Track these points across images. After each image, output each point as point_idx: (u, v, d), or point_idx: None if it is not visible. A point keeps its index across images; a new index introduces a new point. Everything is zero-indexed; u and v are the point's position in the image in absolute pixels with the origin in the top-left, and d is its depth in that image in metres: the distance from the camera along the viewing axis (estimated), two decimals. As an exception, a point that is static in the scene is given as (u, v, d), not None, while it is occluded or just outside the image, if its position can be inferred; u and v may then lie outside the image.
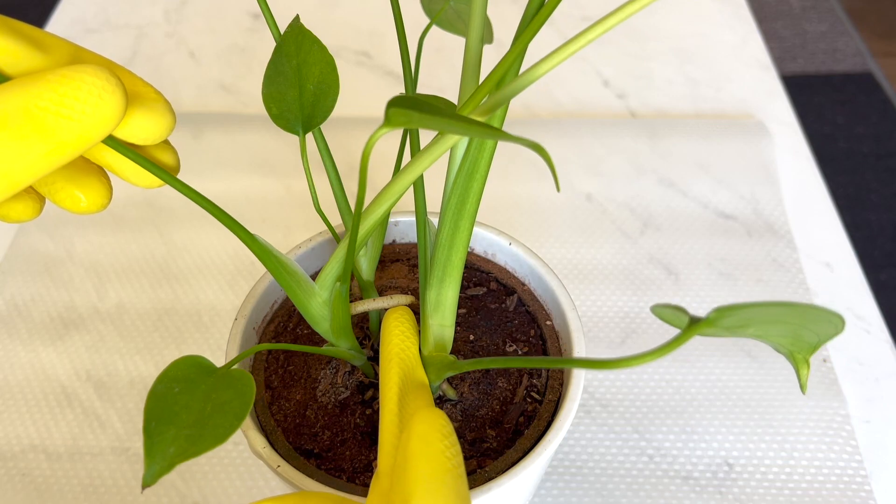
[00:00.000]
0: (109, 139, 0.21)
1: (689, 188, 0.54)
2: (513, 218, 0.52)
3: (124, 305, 0.47)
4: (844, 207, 1.08)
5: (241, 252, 0.50)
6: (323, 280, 0.26)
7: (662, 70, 0.65)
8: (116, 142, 0.21)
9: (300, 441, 0.29)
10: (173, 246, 0.50)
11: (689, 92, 0.63)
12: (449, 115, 0.17)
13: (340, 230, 0.32)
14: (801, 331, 0.19)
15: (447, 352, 0.28)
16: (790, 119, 0.61)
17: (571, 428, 0.41)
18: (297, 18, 0.28)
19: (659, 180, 0.55)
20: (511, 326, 0.33)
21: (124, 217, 0.52)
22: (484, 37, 0.24)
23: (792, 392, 0.43)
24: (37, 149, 0.19)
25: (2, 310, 0.47)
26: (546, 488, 0.39)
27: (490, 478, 0.27)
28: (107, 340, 0.45)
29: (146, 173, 0.24)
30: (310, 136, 0.57)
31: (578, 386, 0.29)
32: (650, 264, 0.49)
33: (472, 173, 0.24)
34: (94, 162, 0.24)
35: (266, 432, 0.29)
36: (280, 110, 0.28)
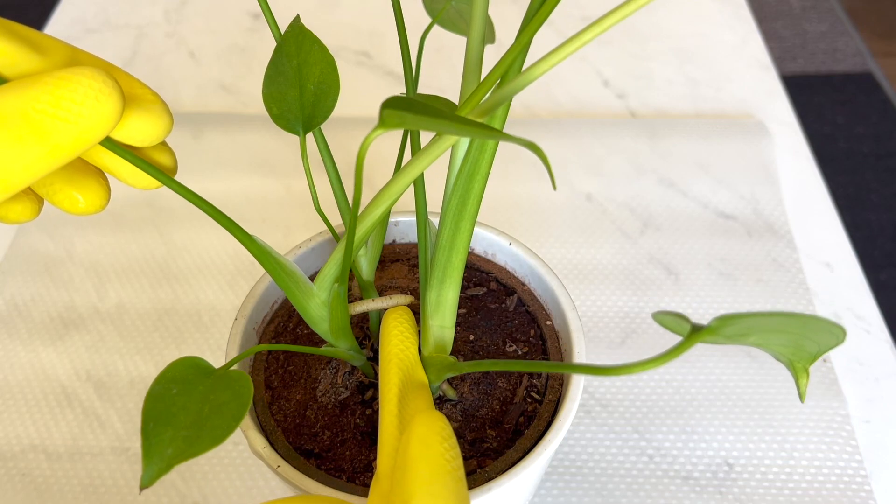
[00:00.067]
0: (107, 141, 0.21)
1: (689, 188, 0.54)
2: (513, 218, 0.52)
3: (124, 305, 0.47)
4: (844, 207, 1.08)
5: (241, 252, 0.50)
6: (321, 281, 0.26)
7: (662, 70, 0.65)
8: (114, 143, 0.21)
9: (300, 441, 0.29)
10: (173, 246, 0.50)
11: (689, 92, 0.63)
12: (444, 116, 0.17)
13: (340, 230, 0.32)
14: (802, 340, 0.19)
15: (447, 353, 0.28)
16: (790, 119, 0.61)
17: (571, 428, 0.41)
18: (298, 18, 0.28)
19: (659, 180, 0.55)
20: (511, 326, 0.33)
21: (124, 217, 0.52)
22: (485, 36, 0.24)
23: (792, 392, 0.43)
24: (34, 151, 0.19)
25: (2, 310, 0.47)
26: (546, 488, 0.39)
27: (490, 478, 0.27)
28: (107, 340, 0.45)
29: (143, 175, 0.24)
30: (310, 136, 0.57)
31: (578, 386, 0.29)
32: (650, 264, 0.49)
33: (473, 174, 0.24)
34: (92, 163, 0.24)
35: (266, 432, 0.29)
36: (280, 110, 0.28)
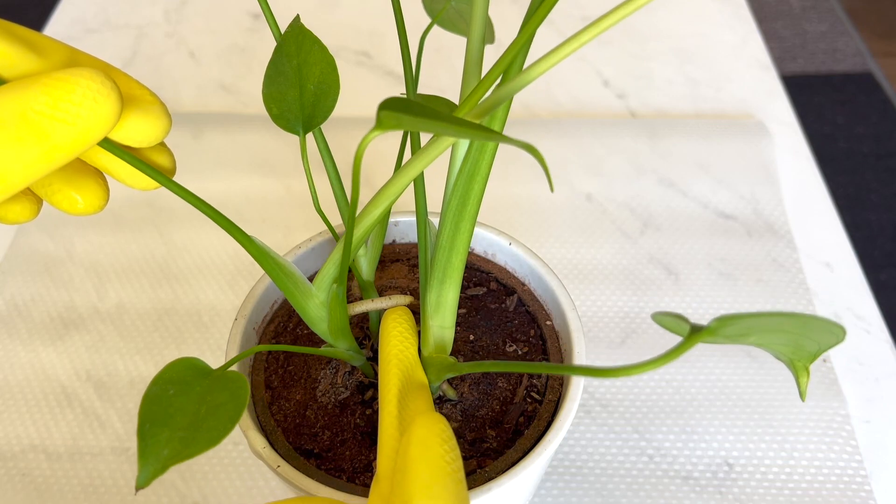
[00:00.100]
0: (105, 142, 0.21)
1: (689, 188, 0.54)
2: (513, 218, 0.52)
3: (124, 305, 0.47)
4: (844, 207, 1.08)
5: (241, 252, 0.50)
6: (320, 281, 0.26)
7: (662, 70, 0.65)
8: (112, 144, 0.21)
9: (300, 441, 0.29)
10: (173, 246, 0.50)
11: (689, 92, 0.63)
12: (441, 117, 0.17)
13: (340, 230, 0.32)
14: (802, 340, 0.19)
15: (447, 353, 0.28)
16: (790, 119, 0.61)
17: (571, 428, 0.41)
18: (298, 18, 0.28)
19: (659, 180, 0.55)
20: (511, 326, 0.33)
21: (124, 217, 0.52)
22: (485, 36, 0.24)
23: (792, 392, 0.43)
24: (33, 152, 0.19)
25: (2, 310, 0.47)
26: (546, 488, 0.39)
27: (490, 478, 0.27)
28: (107, 340, 0.45)
29: (142, 175, 0.24)
30: (310, 136, 0.57)
31: (578, 386, 0.29)
32: (650, 264, 0.49)
33: (473, 175, 0.24)
34: (91, 164, 0.24)
35: (266, 432, 0.29)
36: (280, 110, 0.28)
